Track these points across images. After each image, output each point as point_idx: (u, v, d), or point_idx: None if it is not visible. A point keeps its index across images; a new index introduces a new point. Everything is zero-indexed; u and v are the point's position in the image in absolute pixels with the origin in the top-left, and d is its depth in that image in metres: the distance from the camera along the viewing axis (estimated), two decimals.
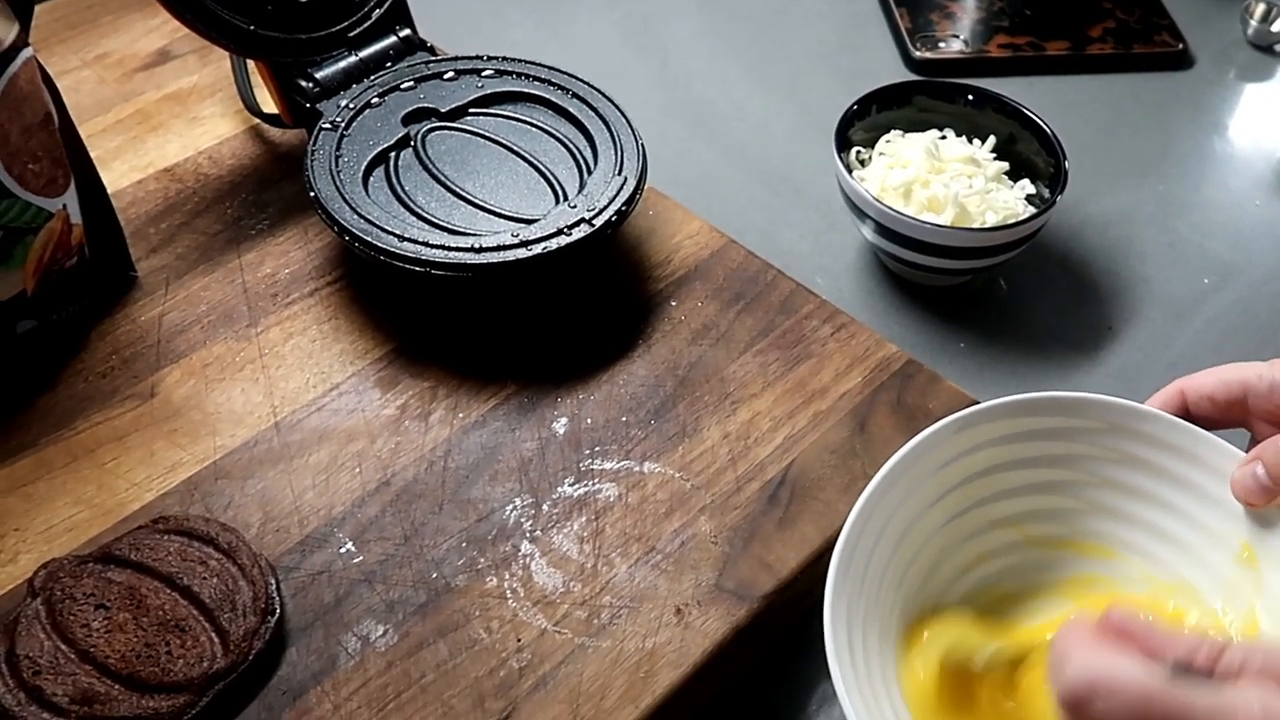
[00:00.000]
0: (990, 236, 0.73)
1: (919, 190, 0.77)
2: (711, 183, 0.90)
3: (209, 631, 0.54)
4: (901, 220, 0.74)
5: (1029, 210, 0.77)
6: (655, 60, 1.02)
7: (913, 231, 0.74)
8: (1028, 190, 0.79)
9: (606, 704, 0.53)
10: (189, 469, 0.62)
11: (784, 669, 0.61)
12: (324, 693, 0.53)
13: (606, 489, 0.61)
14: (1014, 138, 0.81)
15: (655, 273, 0.73)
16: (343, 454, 0.62)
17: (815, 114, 0.97)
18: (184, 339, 0.68)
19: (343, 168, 0.69)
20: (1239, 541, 0.57)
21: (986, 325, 0.80)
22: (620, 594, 0.57)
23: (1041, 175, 0.80)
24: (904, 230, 0.75)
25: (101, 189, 0.69)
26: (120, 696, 0.51)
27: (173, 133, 0.81)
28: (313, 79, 0.74)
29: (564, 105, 0.74)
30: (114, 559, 0.55)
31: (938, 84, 0.84)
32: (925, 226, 0.73)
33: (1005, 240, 0.73)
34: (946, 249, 0.75)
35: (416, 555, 0.58)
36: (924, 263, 0.77)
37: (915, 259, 0.77)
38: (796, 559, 0.59)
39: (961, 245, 0.74)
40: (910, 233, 0.74)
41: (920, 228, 0.74)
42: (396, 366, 0.67)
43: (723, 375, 0.67)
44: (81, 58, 0.87)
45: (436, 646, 0.55)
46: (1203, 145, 0.96)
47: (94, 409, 0.64)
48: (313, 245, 0.74)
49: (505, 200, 0.69)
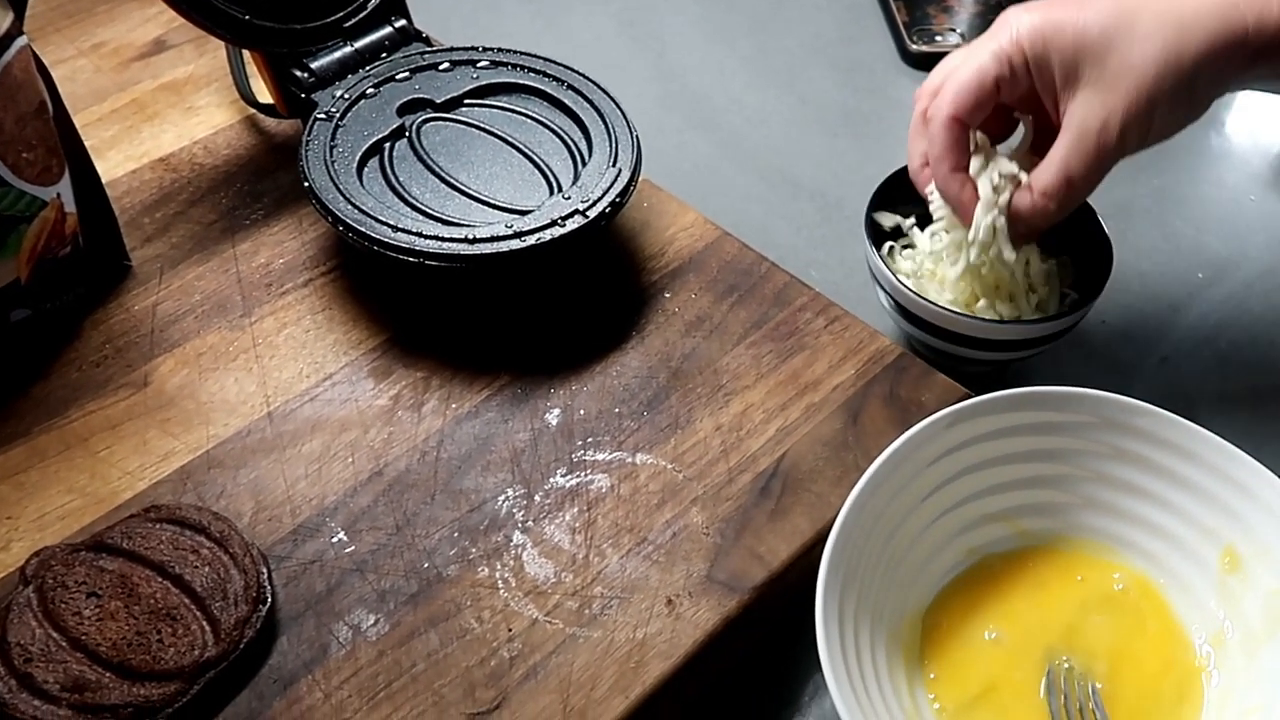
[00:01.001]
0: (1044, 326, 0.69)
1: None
2: (706, 175, 0.90)
3: (200, 620, 0.54)
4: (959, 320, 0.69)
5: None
6: (651, 52, 1.02)
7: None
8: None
9: (597, 694, 0.53)
10: (182, 458, 0.62)
11: (776, 660, 0.61)
12: (315, 681, 0.53)
13: (599, 480, 0.61)
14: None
15: (649, 264, 0.73)
16: (335, 444, 0.62)
17: (812, 107, 0.97)
18: (178, 328, 0.68)
19: (337, 158, 0.69)
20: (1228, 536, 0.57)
21: None
22: (611, 584, 0.57)
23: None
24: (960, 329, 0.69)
25: (96, 178, 0.69)
26: (111, 684, 0.51)
27: (168, 122, 0.81)
28: (308, 69, 0.74)
29: (559, 97, 0.74)
30: (106, 547, 0.55)
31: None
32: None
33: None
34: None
35: (408, 545, 0.58)
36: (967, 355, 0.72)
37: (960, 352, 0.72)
38: (788, 550, 0.59)
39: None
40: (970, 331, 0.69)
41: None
42: (390, 357, 0.67)
43: (716, 367, 0.67)
44: (77, 47, 0.87)
45: (427, 636, 0.55)
46: (1199, 140, 0.95)
47: (87, 398, 0.64)
48: (307, 235, 0.74)
49: (499, 191, 0.69)
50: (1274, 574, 0.55)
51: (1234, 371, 0.76)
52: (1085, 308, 0.69)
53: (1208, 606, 0.58)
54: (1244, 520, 0.57)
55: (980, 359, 0.71)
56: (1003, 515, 0.60)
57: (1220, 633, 0.57)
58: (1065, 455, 0.60)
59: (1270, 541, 0.56)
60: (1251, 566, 0.56)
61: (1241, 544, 0.57)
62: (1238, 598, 0.57)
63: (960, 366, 0.72)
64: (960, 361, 0.72)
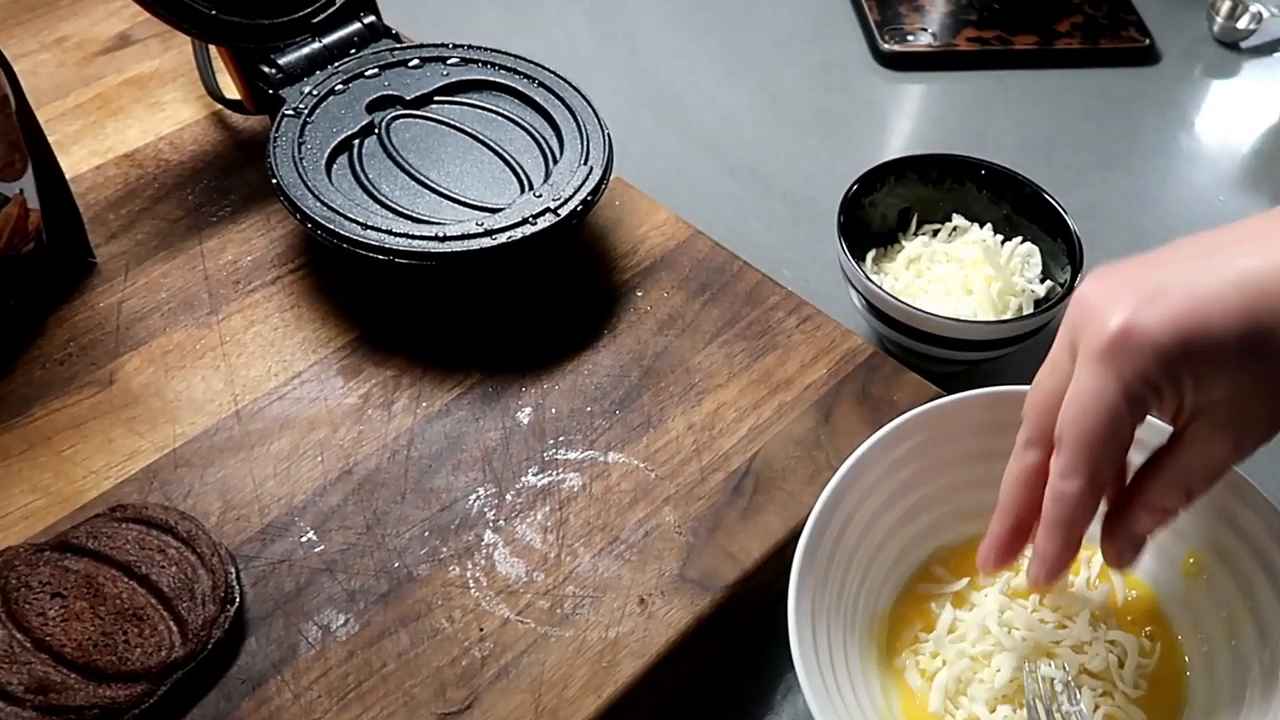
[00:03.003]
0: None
1: (981, 289, 0.73)
2: (678, 174, 0.90)
3: (167, 620, 0.53)
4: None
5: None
6: (623, 50, 1.01)
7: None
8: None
9: (569, 693, 0.53)
10: (148, 457, 0.61)
11: (749, 659, 0.61)
12: (284, 682, 0.53)
13: (570, 479, 0.61)
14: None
15: (621, 263, 0.72)
16: (304, 442, 0.62)
17: (783, 105, 0.97)
18: (143, 326, 0.67)
19: (306, 155, 0.68)
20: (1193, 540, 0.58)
21: None
22: (584, 584, 0.57)
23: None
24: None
25: (59, 174, 0.68)
26: (77, 686, 0.50)
27: (133, 118, 0.80)
28: (276, 65, 0.73)
29: (530, 94, 0.74)
30: (71, 547, 0.55)
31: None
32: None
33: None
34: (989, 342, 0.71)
35: (378, 544, 0.58)
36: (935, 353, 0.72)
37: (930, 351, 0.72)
38: (760, 549, 0.59)
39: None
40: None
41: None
42: (359, 355, 0.66)
43: (688, 366, 0.67)
44: (40, 40, 0.86)
45: (398, 636, 0.55)
46: (1168, 141, 0.96)
47: (51, 396, 0.63)
48: (275, 232, 0.73)
49: (470, 189, 0.68)
50: (1234, 579, 0.56)
51: None
52: (1055, 307, 0.69)
53: (1175, 605, 0.58)
54: (1207, 525, 0.57)
55: (950, 358, 0.72)
56: (974, 514, 0.60)
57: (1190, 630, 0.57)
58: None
59: (1226, 545, 0.56)
60: (1213, 572, 0.57)
61: (1205, 549, 0.57)
62: (1197, 601, 0.57)
63: (931, 366, 0.72)
64: (931, 361, 0.72)
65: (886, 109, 0.98)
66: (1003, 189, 0.77)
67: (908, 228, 0.78)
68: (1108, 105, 0.98)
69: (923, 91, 1.00)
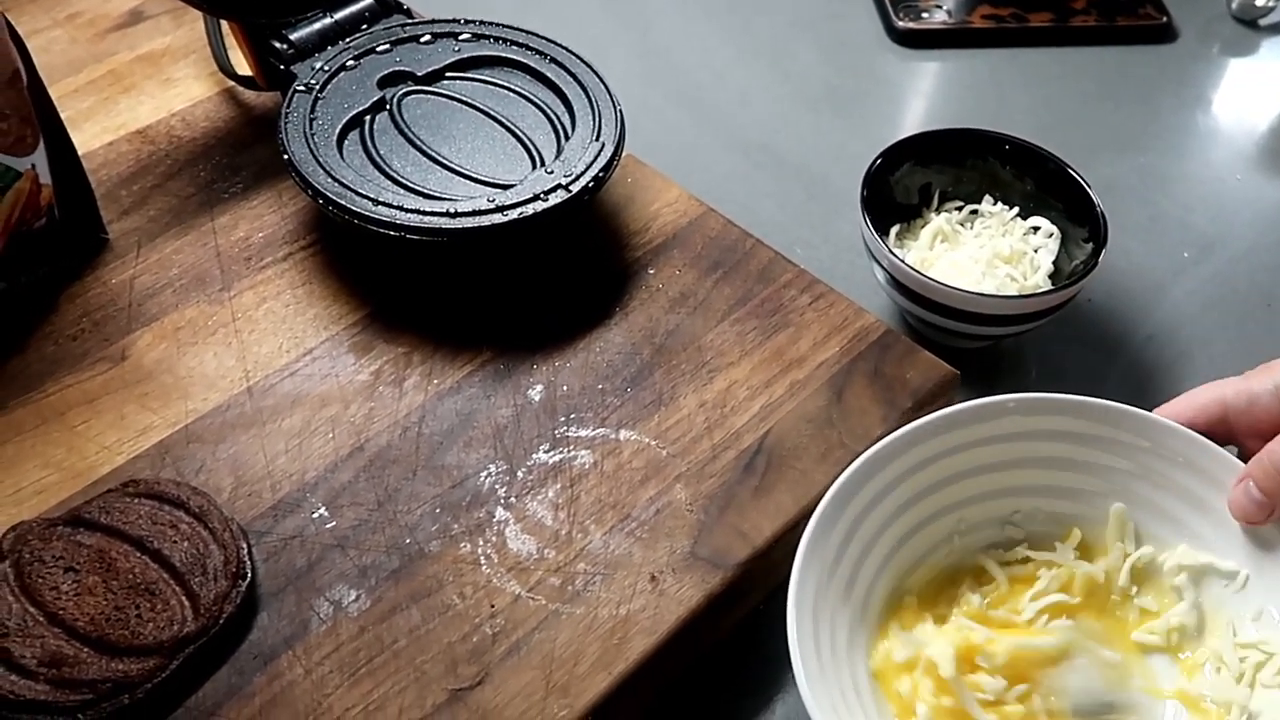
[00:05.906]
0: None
1: (1003, 265, 0.73)
2: (691, 151, 0.89)
3: (179, 595, 0.53)
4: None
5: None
6: (636, 27, 1.01)
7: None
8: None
9: (580, 670, 0.53)
10: (160, 433, 0.61)
11: (759, 639, 0.61)
12: (295, 657, 0.53)
13: (582, 456, 0.61)
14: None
15: (633, 240, 0.72)
16: (316, 419, 0.62)
17: (796, 83, 0.96)
18: (155, 302, 0.67)
19: (317, 131, 0.68)
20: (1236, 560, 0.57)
21: None
22: (595, 561, 0.57)
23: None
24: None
25: (72, 149, 0.68)
26: (89, 659, 0.51)
27: (145, 94, 0.80)
28: (287, 41, 0.73)
29: (542, 70, 0.73)
30: (84, 522, 0.55)
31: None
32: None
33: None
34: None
35: (390, 521, 0.58)
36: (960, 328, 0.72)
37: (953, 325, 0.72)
38: (771, 528, 0.58)
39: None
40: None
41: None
42: (371, 332, 0.66)
43: (700, 344, 0.66)
44: (53, 17, 0.85)
45: (409, 612, 0.55)
46: (1185, 119, 0.95)
47: (64, 372, 0.64)
48: (287, 209, 0.73)
49: (481, 165, 0.68)
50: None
51: (1219, 350, 0.76)
52: (1079, 282, 0.69)
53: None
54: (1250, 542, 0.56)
55: (973, 333, 0.72)
56: (1002, 520, 0.59)
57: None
58: (1080, 465, 0.58)
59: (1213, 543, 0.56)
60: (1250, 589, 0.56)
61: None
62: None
63: (953, 342, 0.72)
64: (953, 336, 0.72)
65: (901, 87, 0.97)
66: (1026, 165, 0.76)
67: (930, 203, 0.77)
68: (1124, 83, 0.98)
69: (937, 69, 0.99)
